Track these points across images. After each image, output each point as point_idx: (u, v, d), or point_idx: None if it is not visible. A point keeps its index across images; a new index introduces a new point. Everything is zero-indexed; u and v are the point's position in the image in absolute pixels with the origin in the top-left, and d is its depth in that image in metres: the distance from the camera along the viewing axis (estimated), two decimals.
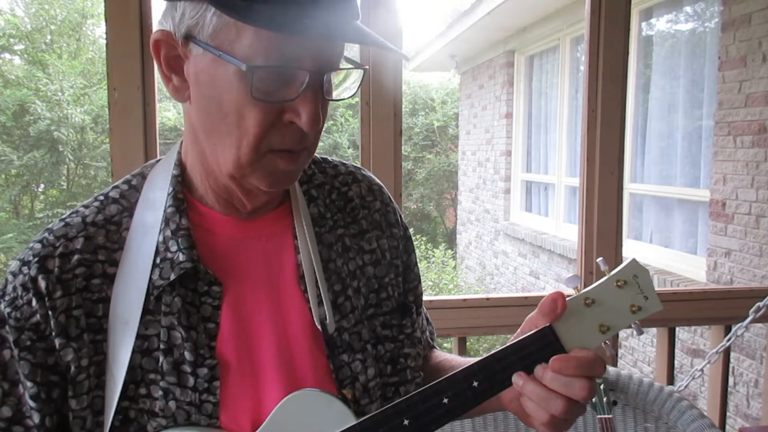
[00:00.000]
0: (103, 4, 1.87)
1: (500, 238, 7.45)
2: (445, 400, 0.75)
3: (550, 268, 5.96)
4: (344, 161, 0.97)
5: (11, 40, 9.40)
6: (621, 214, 2.12)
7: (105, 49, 1.86)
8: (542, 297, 0.79)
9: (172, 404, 0.75)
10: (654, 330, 2.59)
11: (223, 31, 0.69)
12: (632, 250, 4.58)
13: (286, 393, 0.77)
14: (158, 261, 0.78)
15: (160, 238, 0.79)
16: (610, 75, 2.05)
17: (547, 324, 0.77)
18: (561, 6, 5.47)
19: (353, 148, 11.10)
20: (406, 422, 0.74)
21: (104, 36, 1.87)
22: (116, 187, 0.84)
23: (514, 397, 0.79)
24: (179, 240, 0.78)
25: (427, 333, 1.04)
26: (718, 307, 2.10)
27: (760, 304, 1.95)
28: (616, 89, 2.06)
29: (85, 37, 9.94)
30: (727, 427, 3.14)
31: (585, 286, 0.83)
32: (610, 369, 1.58)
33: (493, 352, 0.78)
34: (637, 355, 4.43)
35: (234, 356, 0.78)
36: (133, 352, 0.75)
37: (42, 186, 10.04)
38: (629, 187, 4.72)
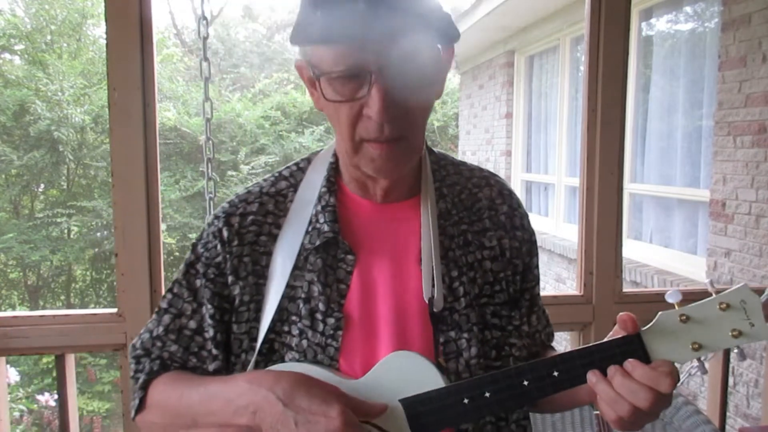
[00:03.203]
0: (103, 4, 1.87)
1: None
2: (526, 383, 0.84)
3: (550, 268, 5.96)
4: (482, 167, 1.10)
5: (11, 40, 9.36)
6: (621, 214, 2.12)
7: (105, 49, 1.86)
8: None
9: (304, 342, 0.94)
10: None
11: (313, 56, 0.87)
12: (632, 250, 4.58)
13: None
14: (310, 229, 0.97)
15: (313, 212, 0.98)
16: (610, 75, 2.05)
17: (635, 333, 0.83)
18: (561, 6, 5.46)
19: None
20: (487, 394, 0.84)
21: (104, 36, 1.87)
22: (288, 167, 1.05)
23: (593, 392, 0.85)
24: (326, 214, 0.97)
25: (543, 333, 1.11)
26: None
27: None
28: (616, 89, 2.06)
29: (85, 37, 9.90)
30: (727, 427, 3.13)
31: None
32: None
33: (579, 348, 0.85)
34: None
35: (357, 314, 0.94)
36: (282, 297, 0.95)
37: (42, 186, 10.00)
38: (629, 187, 4.72)
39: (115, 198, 1.92)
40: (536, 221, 6.58)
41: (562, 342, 4.71)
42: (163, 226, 2.54)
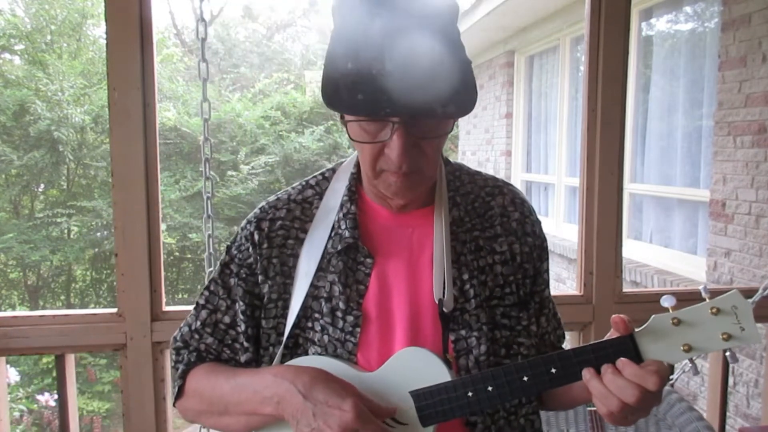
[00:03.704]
0: (103, 4, 1.87)
1: None
2: (525, 378, 0.91)
3: (551, 268, 5.96)
4: (497, 176, 1.16)
5: (11, 40, 9.35)
6: (621, 214, 2.12)
7: (105, 49, 1.86)
8: None
9: (325, 338, 1.02)
10: None
11: None
12: (632, 250, 4.58)
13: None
14: (332, 234, 1.05)
15: (336, 218, 1.06)
16: (610, 75, 2.05)
17: (628, 334, 0.88)
18: (561, 6, 5.46)
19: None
20: (489, 388, 0.92)
21: (104, 36, 1.87)
22: (315, 176, 1.13)
23: (587, 389, 0.90)
24: (347, 221, 1.05)
25: (553, 335, 1.17)
26: None
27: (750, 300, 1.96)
28: (616, 89, 2.06)
29: (85, 37, 9.88)
30: (727, 427, 3.13)
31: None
32: None
33: (575, 347, 0.91)
34: None
35: (374, 313, 1.02)
36: (307, 295, 1.03)
37: (42, 186, 9.98)
38: (629, 187, 4.72)
39: (115, 198, 1.92)
40: None
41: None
42: (163, 226, 2.54)
